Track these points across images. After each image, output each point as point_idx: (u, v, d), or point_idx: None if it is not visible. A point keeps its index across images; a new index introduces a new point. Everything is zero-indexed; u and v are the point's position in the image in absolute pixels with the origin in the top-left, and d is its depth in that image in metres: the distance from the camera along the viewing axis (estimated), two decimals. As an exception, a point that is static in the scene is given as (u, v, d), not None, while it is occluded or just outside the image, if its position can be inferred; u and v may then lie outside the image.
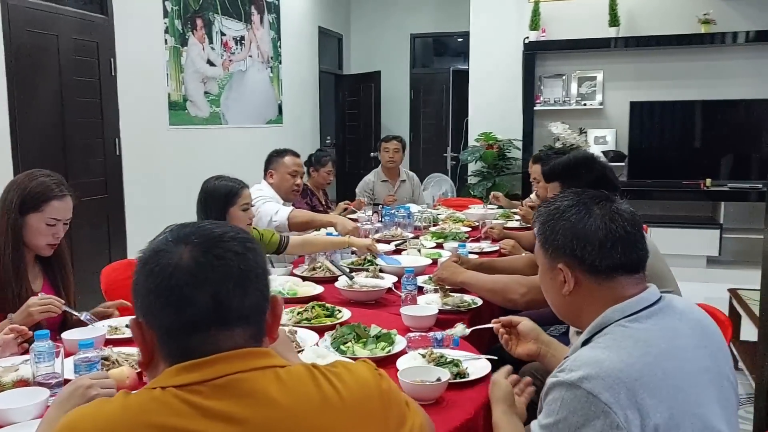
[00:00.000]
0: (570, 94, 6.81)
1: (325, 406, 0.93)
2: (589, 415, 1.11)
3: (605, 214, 1.29)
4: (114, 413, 0.89)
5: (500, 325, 1.76)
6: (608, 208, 1.31)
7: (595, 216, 1.29)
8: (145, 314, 0.94)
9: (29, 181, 2.16)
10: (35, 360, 1.62)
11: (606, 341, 1.22)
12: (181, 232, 0.97)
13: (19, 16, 3.91)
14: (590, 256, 1.28)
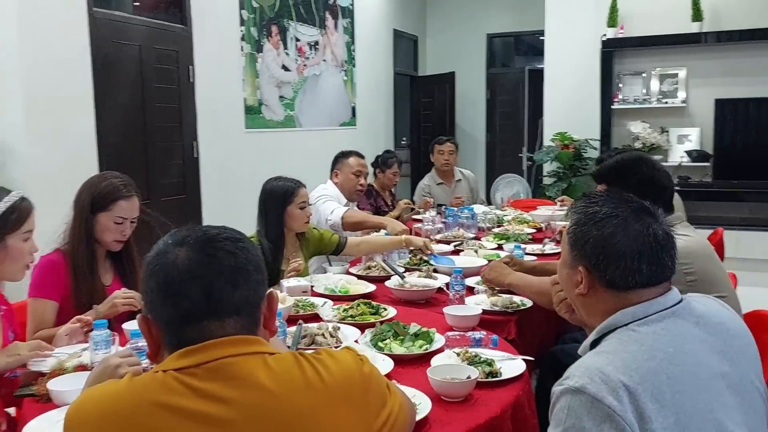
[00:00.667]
0: (650, 91, 6.58)
1: (308, 389, 1.00)
2: (596, 420, 1.09)
3: (639, 234, 1.25)
4: (119, 392, 0.98)
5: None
6: (645, 227, 1.26)
7: (629, 234, 1.26)
8: (150, 309, 1.05)
9: (100, 183, 2.32)
10: (93, 347, 1.75)
11: (611, 345, 1.21)
12: (179, 235, 1.07)
13: (104, 28, 4.18)
14: (611, 273, 1.26)
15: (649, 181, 2.16)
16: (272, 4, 5.87)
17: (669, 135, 6.45)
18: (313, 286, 2.65)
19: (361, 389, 1.06)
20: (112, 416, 0.95)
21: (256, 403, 0.96)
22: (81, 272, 2.25)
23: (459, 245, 3.47)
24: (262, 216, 2.85)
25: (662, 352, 1.17)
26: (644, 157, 2.32)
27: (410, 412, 1.24)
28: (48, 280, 2.21)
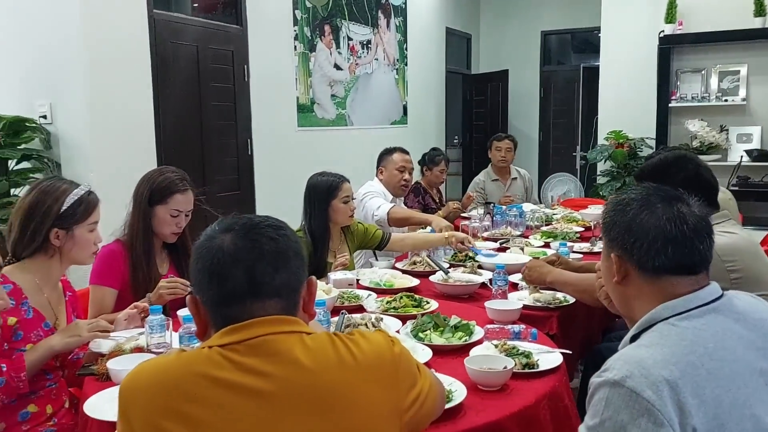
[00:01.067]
0: (710, 89, 6.40)
1: (341, 366, 1.06)
2: (634, 414, 1.10)
3: (665, 214, 1.27)
4: (168, 364, 1.07)
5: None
6: (673, 209, 1.28)
7: (654, 214, 1.27)
8: (198, 290, 1.13)
9: (157, 177, 2.44)
10: (149, 331, 1.86)
11: (651, 339, 1.21)
12: (226, 222, 1.14)
13: (163, 29, 4.35)
14: (638, 253, 1.27)
15: (694, 178, 2.14)
16: (325, 3, 5.98)
17: (728, 134, 6.27)
18: (359, 279, 2.71)
19: (392, 368, 1.12)
20: (161, 385, 1.03)
21: (293, 378, 1.03)
22: (139, 262, 2.37)
23: (505, 243, 3.48)
24: (307, 210, 2.94)
25: (702, 348, 1.18)
26: (688, 155, 2.29)
27: (440, 393, 1.28)
28: (108, 269, 2.33)
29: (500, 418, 1.47)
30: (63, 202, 1.93)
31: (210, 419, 0.99)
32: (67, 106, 3.98)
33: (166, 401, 1.01)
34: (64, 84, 3.96)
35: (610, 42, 6.92)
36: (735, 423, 1.13)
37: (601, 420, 1.14)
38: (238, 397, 1.01)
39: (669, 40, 6.35)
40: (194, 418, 0.99)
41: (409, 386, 1.14)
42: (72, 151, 4.01)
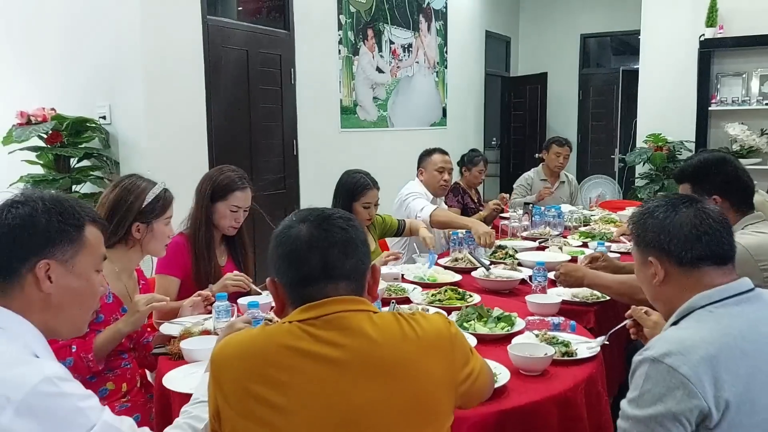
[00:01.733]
0: (750, 93, 6.38)
1: (405, 340, 1.21)
2: (670, 386, 1.25)
3: (691, 212, 1.42)
4: (254, 335, 1.23)
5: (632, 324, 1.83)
6: (695, 207, 1.43)
7: (681, 213, 1.42)
8: (277, 273, 1.28)
9: (219, 175, 2.63)
10: (216, 315, 2.03)
11: (690, 323, 1.35)
12: (302, 214, 1.30)
13: (217, 35, 4.55)
14: (676, 248, 1.41)
15: (734, 180, 2.24)
16: (368, 8, 6.14)
17: (770, 137, 6.25)
18: (403, 274, 2.86)
19: (448, 345, 1.26)
20: (248, 354, 1.19)
21: (363, 349, 1.18)
22: (200, 253, 2.55)
23: (544, 242, 3.59)
24: (333, 203, 3.12)
25: (737, 330, 1.31)
26: (728, 158, 2.37)
27: (490, 376, 1.42)
28: (173, 260, 2.51)
29: (541, 399, 1.60)
30: (144, 199, 2.12)
31: (292, 382, 1.14)
32: (125, 107, 4.20)
33: (253, 367, 1.16)
34: (122, 87, 4.18)
35: (650, 45, 6.94)
36: (765, 397, 1.25)
37: (641, 392, 1.29)
38: (316, 364, 1.16)
39: (709, 43, 6.35)
40: (278, 382, 1.14)
41: (463, 363, 1.28)
42: (129, 150, 4.24)
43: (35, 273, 1.22)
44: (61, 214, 1.25)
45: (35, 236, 1.22)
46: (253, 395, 1.14)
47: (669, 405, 1.24)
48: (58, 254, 1.24)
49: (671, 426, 1.25)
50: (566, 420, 1.63)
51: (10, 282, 1.22)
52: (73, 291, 1.27)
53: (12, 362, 1.12)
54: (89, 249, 1.29)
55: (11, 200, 1.25)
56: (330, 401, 1.14)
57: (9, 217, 1.22)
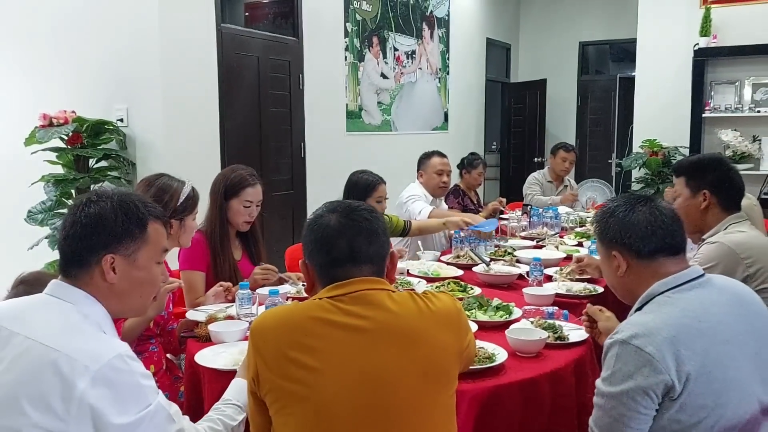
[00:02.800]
0: (743, 100, 6.59)
1: (420, 314, 1.41)
2: (638, 364, 1.44)
3: (646, 210, 1.62)
4: (288, 309, 1.45)
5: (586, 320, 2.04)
6: (650, 206, 1.63)
7: (638, 212, 1.63)
8: (308, 256, 1.49)
9: (230, 174, 2.84)
10: (239, 302, 2.23)
11: (651, 308, 1.56)
12: (332, 205, 1.51)
13: (230, 41, 4.76)
14: (635, 243, 1.62)
15: (726, 180, 2.41)
16: (374, 16, 6.34)
17: (761, 144, 6.45)
18: (408, 269, 3.05)
19: (456, 319, 1.47)
20: (284, 324, 1.39)
21: (384, 319, 1.38)
22: (216, 248, 2.74)
23: (540, 241, 3.78)
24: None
25: (693, 312, 1.51)
26: (723, 159, 2.55)
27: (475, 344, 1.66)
28: (195, 255, 2.70)
29: (535, 376, 1.80)
30: (178, 198, 2.32)
31: (322, 347, 1.34)
32: (143, 110, 4.40)
33: (290, 336, 1.36)
34: (140, 91, 4.38)
35: (645, 53, 7.15)
36: (719, 369, 1.45)
37: (612, 371, 1.48)
38: (344, 332, 1.36)
39: (703, 52, 6.55)
40: (311, 347, 1.34)
41: (465, 333, 1.50)
42: (146, 152, 4.43)
43: (102, 265, 1.39)
44: (126, 214, 1.42)
45: (103, 233, 1.40)
46: (290, 359, 1.34)
47: (638, 381, 1.44)
48: (122, 249, 1.41)
49: (640, 399, 1.44)
50: (557, 396, 1.82)
51: (81, 270, 1.40)
52: (134, 281, 1.44)
53: (88, 337, 1.31)
54: (151, 244, 1.46)
55: (86, 199, 1.44)
56: (355, 362, 1.33)
57: (82, 215, 1.41)
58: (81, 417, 1.22)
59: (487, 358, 1.82)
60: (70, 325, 1.33)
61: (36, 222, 4.12)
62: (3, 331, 1.33)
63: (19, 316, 1.36)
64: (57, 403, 1.22)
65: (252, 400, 1.43)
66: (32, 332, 1.31)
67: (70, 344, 1.27)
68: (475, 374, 1.76)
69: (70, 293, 1.38)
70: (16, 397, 1.24)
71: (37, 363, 1.26)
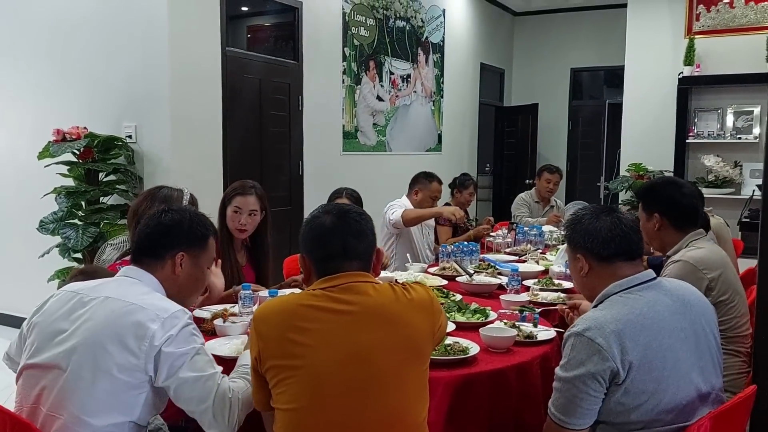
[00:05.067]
0: (725, 127, 6.89)
1: (398, 301, 1.64)
2: (589, 353, 1.68)
3: (608, 219, 1.87)
4: (285, 298, 1.68)
5: (566, 308, 2.33)
6: (612, 216, 1.88)
7: (601, 220, 1.88)
8: (306, 251, 1.72)
9: (231, 185, 3.10)
10: (241, 302, 2.46)
11: (605, 306, 1.80)
12: (327, 207, 1.76)
13: (234, 64, 5.03)
14: (596, 247, 1.86)
15: (675, 202, 2.63)
16: (371, 41, 6.64)
17: (742, 169, 6.73)
18: (396, 279, 3.28)
19: (429, 305, 1.70)
20: (285, 311, 1.61)
21: (367, 304, 1.61)
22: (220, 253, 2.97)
23: (522, 255, 4.02)
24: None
25: (639, 310, 1.75)
26: (673, 181, 2.78)
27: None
28: None
29: (503, 367, 2.02)
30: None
31: (314, 328, 1.57)
32: (151, 128, 4.65)
33: (289, 321, 1.59)
34: (148, 109, 4.63)
35: (632, 81, 7.47)
36: (659, 360, 1.69)
37: (568, 359, 1.72)
38: (333, 315, 1.59)
39: (688, 81, 6.86)
40: (306, 329, 1.57)
41: (438, 316, 1.72)
42: (153, 167, 4.68)
43: (174, 259, 1.82)
44: (198, 225, 1.88)
45: (180, 235, 1.84)
46: (288, 339, 1.57)
47: (588, 367, 1.67)
48: (191, 250, 1.85)
49: (591, 383, 1.68)
50: (524, 386, 2.05)
51: (155, 261, 1.81)
52: (192, 278, 1.87)
53: (157, 298, 1.73)
54: (209, 252, 1.92)
55: (164, 209, 1.90)
56: (342, 339, 1.56)
57: (166, 218, 1.85)
58: (150, 351, 1.61)
59: (461, 350, 2.05)
60: (143, 291, 1.74)
61: (47, 231, 4.34)
62: (84, 297, 1.71)
63: (97, 288, 1.75)
64: (132, 342, 1.61)
65: (254, 376, 1.66)
66: (110, 293, 1.71)
67: (144, 300, 1.68)
68: (449, 364, 1.99)
69: (141, 274, 1.79)
70: (101, 340, 1.62)
71: (117, 312, 1.65)
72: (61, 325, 1.68)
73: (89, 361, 1.60)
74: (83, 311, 1.68)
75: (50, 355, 1.65)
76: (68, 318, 1.68)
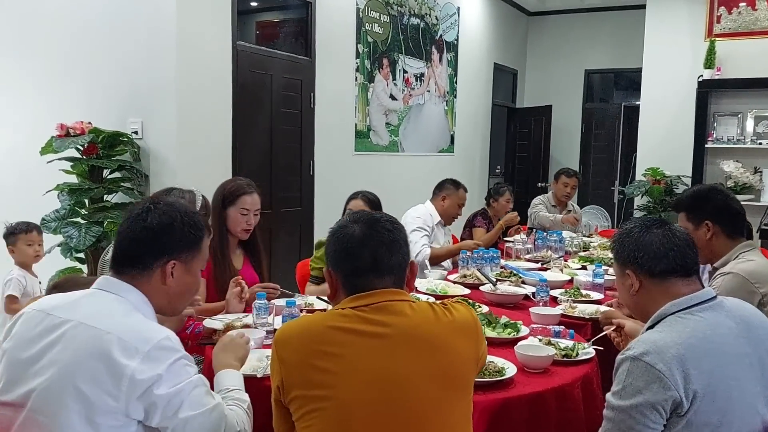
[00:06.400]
0: (745, 132, 6.71)
1: (438, 322, 1.47)
2: (648, 380, 1.51)
3: (660, 232, 1.70)
4: (310, 319, 1.50)
5: (611, 330, 2.15)
6: (664, 228, 1.71)
7: (652, 233, 1.71)
8: (332, 265, 1.55)
9: (228, 184, 2.95)
10: (256, 312, 2.29)
11: (663, 327, 1.62)
12: (355, 216, 1.58)
13: (245, 59, 4.86)
14: (648, 262, 1.69)
15: (724, 207, 2.48)
16: (385, 38, 6.47)
17: (762, 175, 6.55)
18: (417, 287, 3.11)
19: (473, 328, 1.53)
20: (309, 334, 1.45)
21: (404, 326, 1.44)
22: (216, 257, 2.80)
23: (546, 263, 3.85)
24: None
25: (702, 333, 1.58)
26: (719, 188, 2.62)
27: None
28: None
29: (542, 390, 1.86)
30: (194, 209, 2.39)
31: (345, 353, 1.40)
32: (157, 124, 4.49)
33: (313, 345, 1.42)
34: (155, 104, 4.47)
35: (650, 83, 7.29)
36: (724, 389, 1.52)
37: (623, 386, 1.54)
38: (365, 339, 1.42)
39: (707, 84, 6.68)
40: (334, 354, 1.40)
41: (481, 342, 1.56)
42: (159, 165, 4.51)
43: (164, 269, 1.54)
44: (190, 225, 1.59)
45: (171, 240, 1.55)
46: (313, 366, 1.40)
47: (647, 396, 1.50)
48: (183, 257, 1.57)
49: (649, 413, 1.50)
50: (564, 411, 1.88)
51: (139, 271, 1.53)
52: (185, 285, 1.61)
53: (138, 321, 1.46)
54: (202, 254, 1.64)
55: (148, 207, 1.56)
56: (375, 366, 1.40)
57: (153, 220, 1.54)
58: (131, 393, 1.36)
59: (497, 371, 1.88)
60: (121, 311, 1.47)
61: (49, 230, 4.19)
62: (55, 320, 1.46)
63: (71, 306, 1.49)
64: (109, 382, 1.36)
65: (276, 407, 1.49)
66: (84, 317, 1.44)
67: (121, 327, 1.41)
68: (485, 386, 1.82)
69: (121, 288, 1.51)
70: (74, 381, 1.37)
71: (90, 344, 1.40)
72: (30, 353, 1.44)
73: (63, 404, 1.37)
74: (54, 338, 1.43)
75: (21, 394, 1.42)
76: (38, 345, 1.44)
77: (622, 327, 2.13)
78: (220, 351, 1.79)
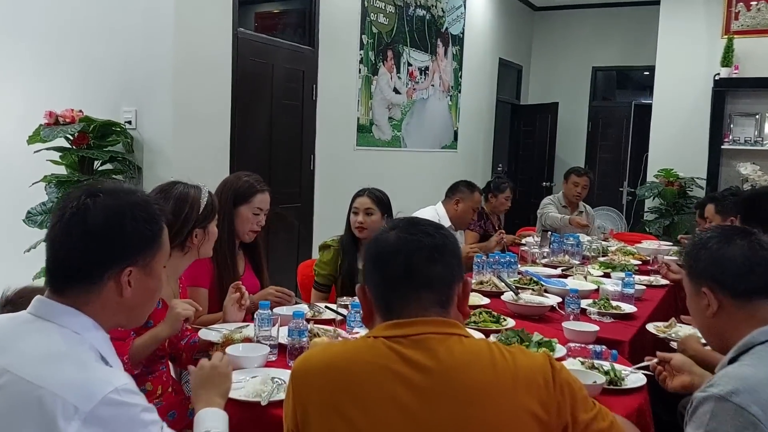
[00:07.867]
0: (763, 133, 6.48)
1: (494, 367, 1.18)
2: (739, 426, 1.23)
3: (745, 244, 1.44)
4: (338, 350, 1.23)
5: (656, 362, 1.88)
6: (749, 239, 1.45)
7: (734, 245, 1.44)
8: (365, 278, 1.29)
9: (238, 180, 2.67)
10: (258, 324, 2.03)
11: (752, 360, 1.35)
12: (393, 222, 1.32)
13: (246, 47, 4.59)
14: (730, 280, 1.43)
15: None
16: (389, 29, 6.20)
17: (780, 178, 6.32)
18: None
19: (543, 382, 1.20)
20: (332, 367, 1.19)
21: (449, 369, 1.16)
22: (224, 261, 2.55)
23: (566, 270, 3.60)
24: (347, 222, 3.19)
25: None
26: None
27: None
28: (200, 271, 2.50)
29: (594, 427, 1.59)
30: (199, 207, 2.13)
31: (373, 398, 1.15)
32: (152, 113, 4.21)
33: (338, 384, 1.16)
34: (149, 92, 4.19)
35: (664, 81, 7.04)
36: None
37: (706, 431, 1.26)
38: (398, 385, 1.15)
39: (724, 83, 6.45)
40: (360, 398, 1.15)
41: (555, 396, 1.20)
42: (153, 156, 4.24)
43: (118, 279, 1.20)
44: (145, 220, 1.23)
45: (124, 244, 1.20)
46: (335, 410, 1.15)
47: None
48: (141, 260, 1.22)
49: None
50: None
51: (86, 289, 1.19)
52: (147, 291, 1.27)
53: (80, 368, 1.11)
54: (164, 250, 1.29)
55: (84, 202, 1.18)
56: (409, 422, 1.14)
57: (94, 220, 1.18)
58: None
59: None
60: (59, 354, 1.12)
61: (35, 224, 3.93)
62: None
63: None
64: None
65: None
66: (12, 364, 1.10)
67: (56, 377, 1.08)
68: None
69: (61, 314, 1.17)
70: None
71: (18, 402, 1.07)
72: None
73: None
74: None
75: None
76: None
77: (667, 361, 1.86)
78: (200, 385, 1.53)
